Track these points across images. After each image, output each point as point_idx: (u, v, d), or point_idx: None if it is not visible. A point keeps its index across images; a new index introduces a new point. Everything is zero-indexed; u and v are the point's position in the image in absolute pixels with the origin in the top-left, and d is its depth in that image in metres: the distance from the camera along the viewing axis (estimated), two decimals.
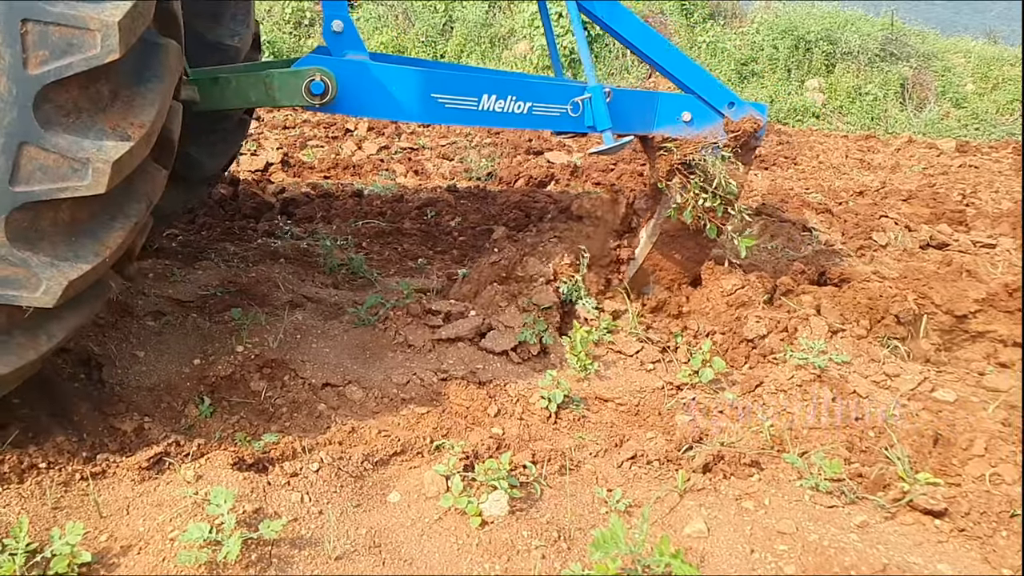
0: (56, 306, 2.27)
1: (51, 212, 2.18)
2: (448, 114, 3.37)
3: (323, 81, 3.12)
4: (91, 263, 2.26)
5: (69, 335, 2.48)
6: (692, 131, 3.77)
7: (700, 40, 12.95)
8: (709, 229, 3.82)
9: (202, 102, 3.32)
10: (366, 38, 12.60)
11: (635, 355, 3.77)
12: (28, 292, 2.19)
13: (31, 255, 2.18)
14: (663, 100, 3.74)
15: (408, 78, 3.26)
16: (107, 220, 2.32)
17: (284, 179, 6.79)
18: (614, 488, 2.76)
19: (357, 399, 3.27)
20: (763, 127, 3.81)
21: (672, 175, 3.83)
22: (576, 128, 3.65)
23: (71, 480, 2.56)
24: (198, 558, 2.11)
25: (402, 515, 2.56)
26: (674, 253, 4.10)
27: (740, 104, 3.78)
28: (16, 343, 2.33)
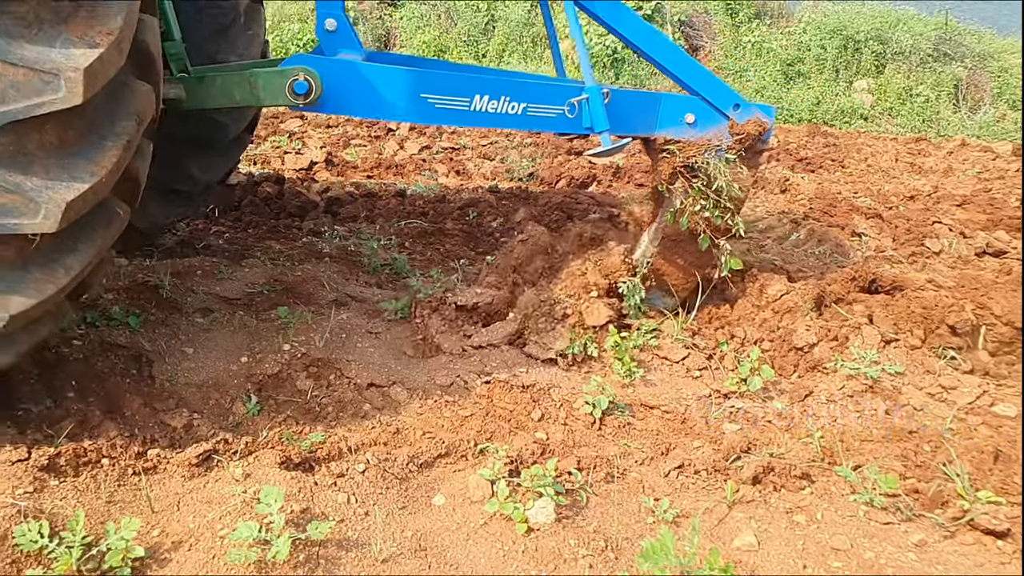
0: (64, 234, 2.26)
1: (35, 133, 2.15)
2: (438, 114, 3.35)
3: (306, 81, 3.13)
4: (87, 183, 2.23)
5: (86, 267, 2.46)
6: (695, 133, 3.68)
7: (745, 40, 12.76)
8: (701, 240, 3.72)
9: (188, 101, 3.36)
10: (408, 37, 12.70)
11: (681, 362, 3.72)
12: (28, 219, 2.17)
13: (23, 179, 2.15)
14: (665, 101, 3.67)
15: (396, 78, 3.24)
16: (97, 140, 2.30)
17: (328, 178, 6.85)
18: (661, 497, 2.72)
19: (401, 400, 3.27)
20: (770, 130, 3.72)
21: (675, 178, 3.75)
22: (573, 130, 3.59)
23: (124, 474, 2.60)
24: (247, 557, 2.13)
25: (447, 519, 2.56)
26: (677, 258, 4.00)
27: (746, 106, 3.69)
28: (33, 279, 2.32)
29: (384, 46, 12.82)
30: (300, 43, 11.74)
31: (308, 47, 11.74)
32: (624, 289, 3.81)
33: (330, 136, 8.24)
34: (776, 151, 8.94)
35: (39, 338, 2.57)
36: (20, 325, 2.36)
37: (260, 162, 6.95)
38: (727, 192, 3.56)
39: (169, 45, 3.51)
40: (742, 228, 3.75)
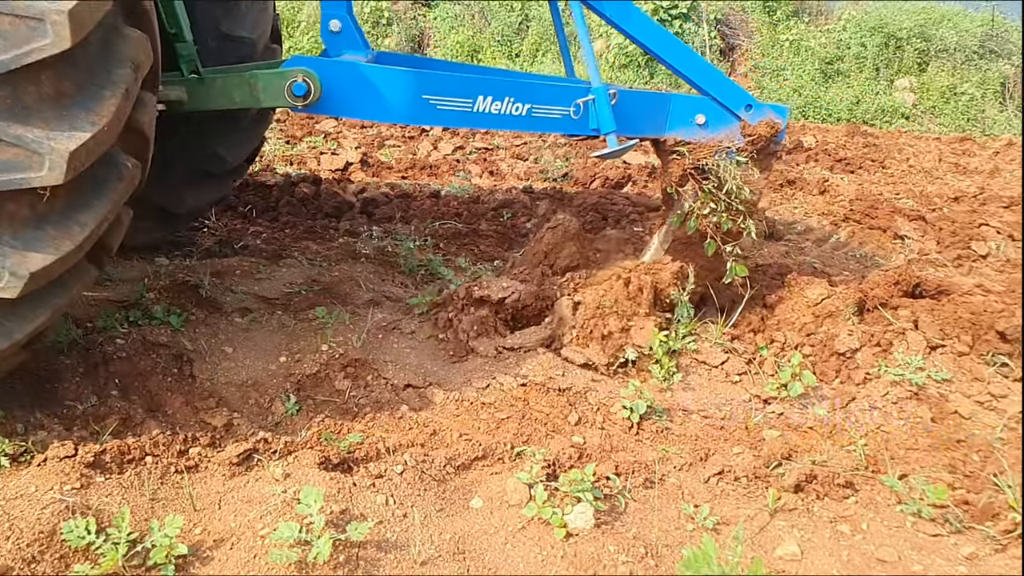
0: (75, 190, 2.28)
1: (31, 86, 2.15)
2: (441, 116, 3.31)
3: (305, 82, 3.12)
4: (89, 132, 2.23)
5: (102, 223, 2.47)
6: (706, 134, 3.62)
7: (783, 38, 12.59)
8: (707, 244, 3.64)
9: (189, 102, 3.38)
10: (442, 38, 12.74)
11: (720, 366, 3.67)
12: (34, 172, 2.18)
13: (24, 131, 2.15)
14: (675, 102, 3.62)
15: (397, 79, 3.21)
16: (95, 90, 2.29)
17: (363, 179, 6.90)
18: (701, 504, 2.68)
19: (438, 401, 3.27)
20: (783, 131, 3.63)
21: (685, 180, 3.67)
22: (580, 131, 3.53)
23: (167, 472, 2.64)
24: (288, 557, 2.14)
25: (485, 522, 2.55)
26: (688, 261, 3.91)
27: (758, 106, 3.61)
28: (50, 237, 2.32)
29: (418, 46, 12.88)
30: None
31: None
32: (678, 311, 3.72)
33: (365, 136, 8.29)
34: (815, 151, 8.80)
35: (65, 300, 2.55)
36: (41, 283, 2.34)
37: (296, 162, 7.02)
38: (737, 195, 3.49)
39: (181, 46, 3.57)
40: (754, 231, 3.66)
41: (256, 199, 5.71)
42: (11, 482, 2.43)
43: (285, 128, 8.03)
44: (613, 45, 12.62)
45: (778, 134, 3.62)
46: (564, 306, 3.70)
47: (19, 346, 2.48)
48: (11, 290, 2.25)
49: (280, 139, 7.67)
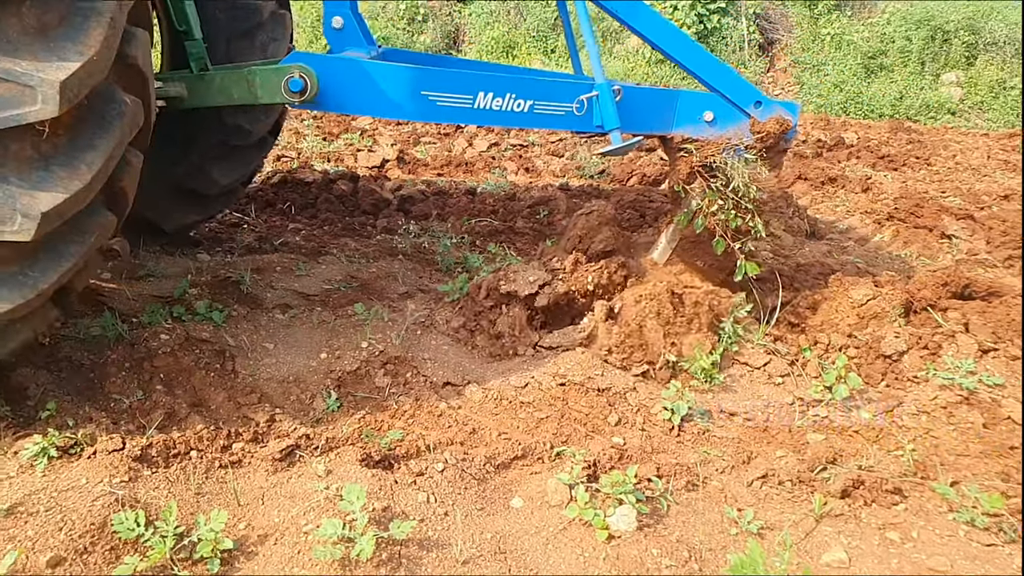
0: (76, 129, 2.29)
1: (13, 19, 2.16)
2: (441, 112, 3.30)
3: (302, 78, 3.13)
4: (77, 62, 2.23)
5: (109, 163, 2.46)
6: (714, 131, 3.55)
7: (824, 32, 12.35)
8: (716, 242, 3.57)
9: (189, 99, 3.41)
10: (477, 34, 12.73)
11: (762, 368, 3.61)
12: (28, 106, 2.18)
13: (12, 64, 2.16)
14: (683, 98, 3.55)
15: (396, 75, 3.20)
16: (79, 21, 2.29)
17: (400, 176, 6.92)
18: (744, 508, 2.63)
19: (477, 400, 3.27)
20: (793, 128, 3.55)
21: (692, 178, 3.61)
22: (583, 128, 3.49)
23: (211, 467, 2.67)
24: (332, 554, 2.15)
25: (525, 522, 2.54)
26: (696, 260, 3.85)
27: (768, 103, 3.54)
28: (58, 177, 2.33)
29: (453, 43, 12.90)
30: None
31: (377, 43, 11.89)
32: (728, 328, 3.65)
33: (400, 134, 8.33)
34: (856, 148, 8.62)
35: (85, 247, 2.53)
36: (55, 224, 2.35)
37: (334, 159, 7.07)
38: (746, 193, 3.43)
39: (190, 44, 3.64)
40: (763, 230, 3.59)
41: (295, 196, 5.77)
42: (62, 474, 2.49)
43: (322, 125, 8.09)
44: None
45: (788, 131, 3.55)
46: (601, 311, 3.66)
47: (47, 297, 2.49)
48: (25, 232, 2.26)
49: (318, 136, 7.74)
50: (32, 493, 2.37)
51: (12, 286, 2.39)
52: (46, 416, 2.77)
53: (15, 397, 2.92)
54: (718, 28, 12.72)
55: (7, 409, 2.81)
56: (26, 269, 2.42)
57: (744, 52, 12.69)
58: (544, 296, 3.73)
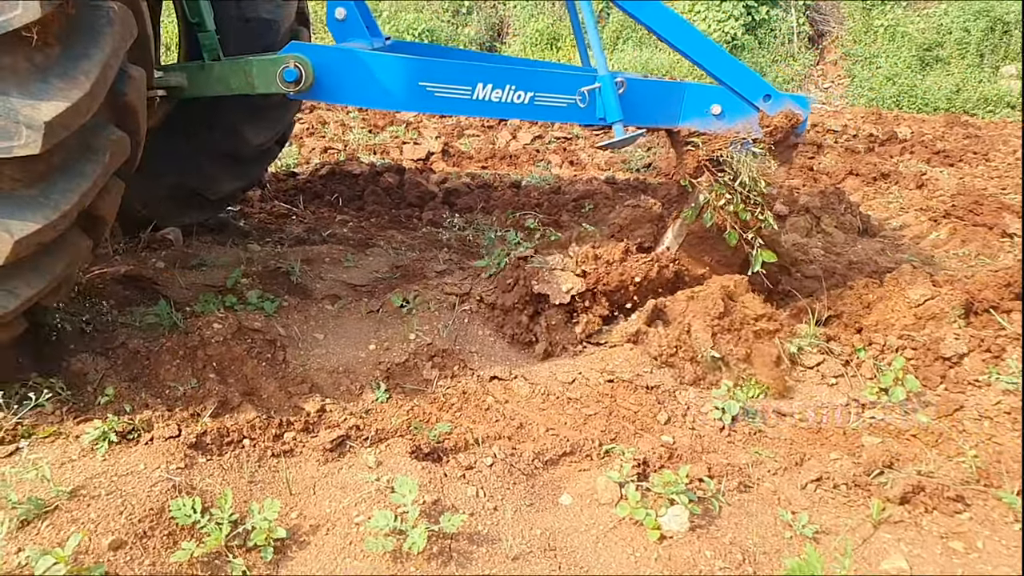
0: (67, 40, 2.30)
1: None
2: (438, 103, 3.28)
3: (296, 68, 3.13)
4: None
5: (107, 73, 2.45)
6: (722, 125, 3.48)
7: (877, 24, 12.03)
8: (728, 235, 3.50)
9: (189, 88, 3.47)
10: (521, 26, 12.68)
11: (815, 367, 3.53)
12: (9, 12, 2.17)
13: None
14: (690, 91, 3.48)
15: (392, 66, 3.19)
16: None
17: (444, 168, 6.94)
18: (799, 511, 2.58)
19: (523, 394, 3.25)
20: (803, 122, 3.46)
21: (699, 172, 3.53)
22: (585, 120, 3.46)
23: (263, 456, 2.70)
24: (384, 546, 2.16)
25: (575, 519, 2.52)
26: (703, 255, 3.77)
27: (777, 97, 3.46)
28: (57, 88, 2.33)
29: (497, 35, 12.87)
30: (415, 32, 11.95)
31: (423, 36, 11.94)
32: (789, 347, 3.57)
33: (444, 127, 8.35)
34: (910, 143, 8.39)
35: (101, 167, 2.54)
36: (61, 136, 2.34)
37: (380, 152, 7.11)
38: (752, 187, 3.37)
39: (203, 36, 3.71)
40: (773, 223, 3.53)
41: (342, 188, 5.82)
42: (121, 459, 2.54)
43: (368, 117, 8.15)
44: None
45: (798, 126, 3.48)
46: (649, 312, 3.61)
47: (71, 220, 2.50)
48: (32, 145, 2.27)
49: (363, 128, 7.79)
50: (93, 477, 2.42)
51: (34, 207, 2.39)
52: (105, 402, 2.84)
53: (76, 382, 2.99)
54: (766, 20, 12.48)
55: (68, 394, 2.88)
56: (45, 191, 2.42)
57: (793, 44, 12.44)
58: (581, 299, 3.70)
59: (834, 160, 7.81)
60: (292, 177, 6.15)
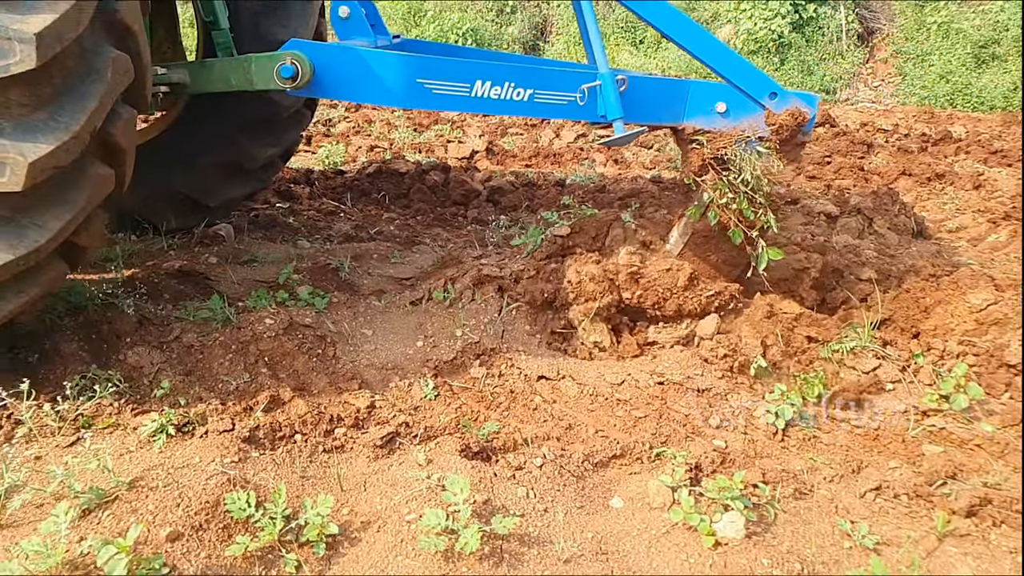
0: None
1: None
2: (437, 100, 3.29)
3: (293, 65, 3.16)
4: None
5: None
6: (727, 123, 3.42)
7: (930, 20, 11.70)
8: (732, 233, 3.45)
9: (191, 85, 3.54)
10: (564, 25, 12.63)
11: (871, 372, 3.43)
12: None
13: None
14: (694, 89, 3.44)
15: (390, 63, 3.21)
16: None
17: (489, 167, 6.93)
18: (858, 521, 2.50)
19: (572, 395, 3.22)
20: (811, 120, 3.37)
21: (704, 170, 3.47)
22: (586, 117, 3.42)
23: (315, 451, 2.72)
24: (436, 545, 2.15)
25: (626, 523, 2.48)
26: (709, 255, 3.69)
27: (784, 94, 3.37)
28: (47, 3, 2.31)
29: (540, 34, 12.84)
30: (460, 31, 11.97)
31: (467, 36, 11.96)
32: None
33: (488, 125, 8.35)
34: (965, 143, 8.14)
35: (96, 101, 2.52)
36: (55, 46, 2.33)
37: (425, 150, 7.14)
38: (757, 186, 3.32)
39: (216, 34, 3.81)
40: (775, 225, 3.45)
41: (389, 186, 5.85)
42: (177, 451, 2.58)
43: (413, 116, 8.19)
44: (742, 31, 12.13)
45: (805, 124, 3.39)
46: (711, 324, 3.56)
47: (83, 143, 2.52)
48: (28, 62, 2.26)
49: (408, 127, 7.83)
50: (150, 468, 2.46)
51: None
52: (160, 394, 2.89)
53: (132, 375, 3.05)
54: (814, 18, 12.23)
55: (125, 386, 2.94)
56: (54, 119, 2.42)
57: (842, 42, 12.17)
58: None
59: (885, 160, 7.61)
60: (340, 175, 6.21)
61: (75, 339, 3.19)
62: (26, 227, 2.47)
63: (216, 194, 4.36)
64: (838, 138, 8.35)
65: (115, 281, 3.71)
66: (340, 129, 7.84)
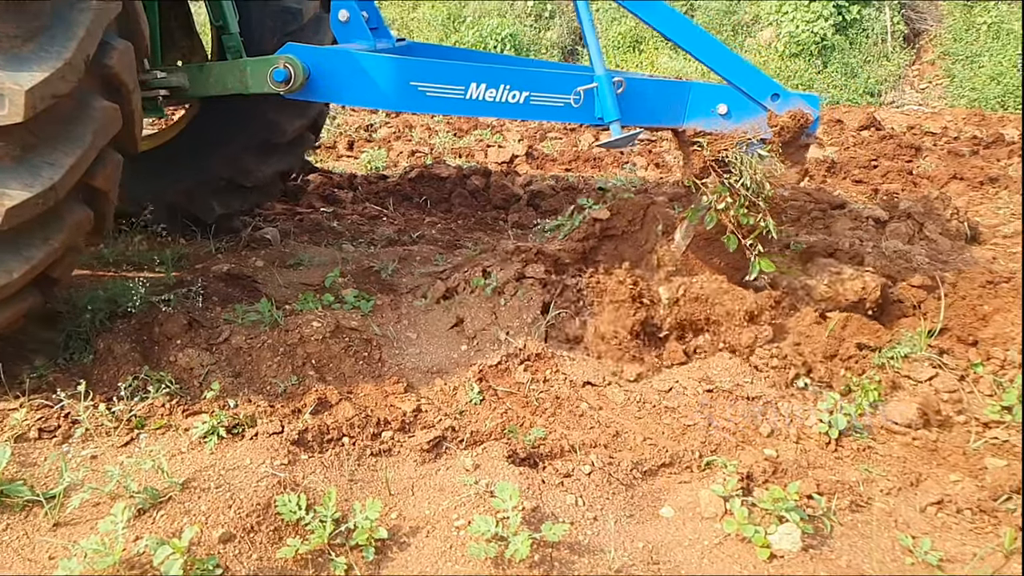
0: None
1: None
2: (431, 103, 3.29)
3: (286, 68, 3.18)
4: None
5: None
6: (729, 125, 3.36)
7: (979, 21, 11.41)
8: (727, 239, 3.40)
9: (191, 88, 3.60)
10: (604, 29, 12.58)
11: (927, 382, 3.32)
12: None
13: None
14: (695, 90, 3.39)
15: (384, 66, 3.22)
16: None
17: (528, 171, 6.92)
18: (919, 536, 2.42)
19: (618, 401, 3.18)
20: (814, 122, 3.30)
21: (705, 173, 3.43)
22: (583, 120, 3.41)
23: (362, 454, 2.72)
24: (486, 552, 2.13)
25: (677, 533, 2.44)
26: (712, 257, 3.63)
27: (786, 95, 3.31)
28: None
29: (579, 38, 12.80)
30: (499, 37, 12.01)
31: (506, 41, 11.98)
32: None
33: (527, 130, 8.34)
34: (1019, 145, 7.90)
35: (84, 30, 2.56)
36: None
37: (465, 155, 7.15)
38: (757, 189, 3.26)
39: (226, 38, 3.89)
40: (773, 230, 3.38)
41: (431, 191, 5.87)
42: (228, 453, 2.60)
43: (453, 121, 8.22)
44: (783, 34, 11.96)
45: (808, 125, 3.33)
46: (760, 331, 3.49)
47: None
48: None
49: (448, 132, 7.86)
50: (202, 469, 2.49)
51: None
52: (211, 396, 2.91)
53: (182, 376, 3.09)
54: (858, 19, 12.01)
55: (176, 387, 2.98)
56: None
57: (887, 44, 11.93)
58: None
59: (935, 163, 7.43)
60: (382, 180, 6.25)
61: (127, 341, 3.24)
62: None
63: (253, 173, 4.44)
64: (884, 142, 8.18)
65: (165, 283, 3.77)
66: (382, 134, 7.90)
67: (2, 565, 2.10)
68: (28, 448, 2.59)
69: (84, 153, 2.60)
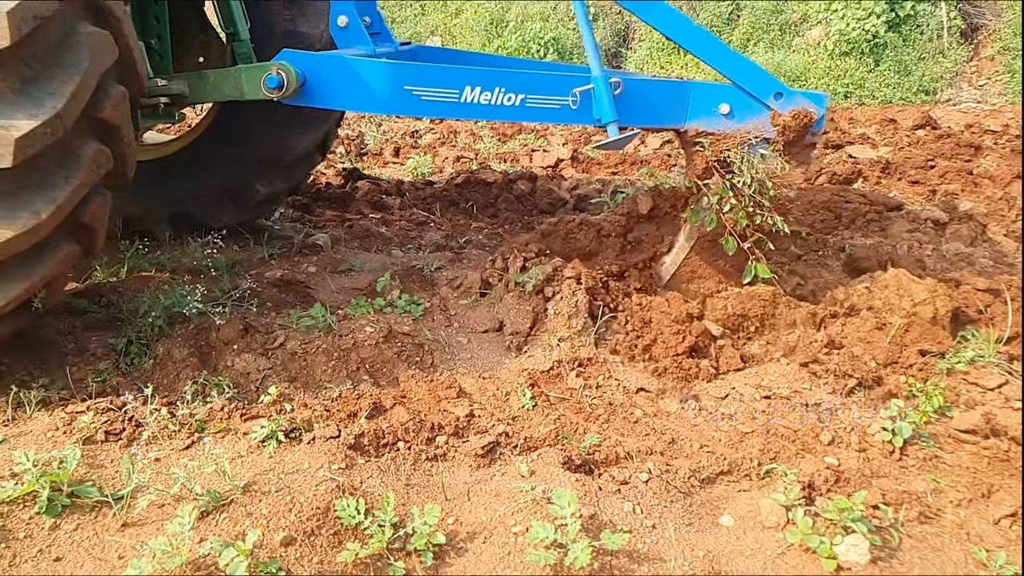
0: None
1: None
2: (426, 107, 3.30)
3: (279, 74, 3.21)
4: None
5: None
6: (732, 124, 3.32)
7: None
8: (725, 241, 3.35)
9: (191, 95, 3.65)
10: (647, 32, 12.50)
11: (996, 389, 3.20)
12: None
13: None
14: (696, 90, 3.35)
15: (378, 70, 3.23)
16: None
17: (574, 175, 6.90)
18: (993, 550, 2.33)
19: (672, 408, 3.14)
20: (819, 120, 3.23)
21: (708, 174, 3.38)
22: (580, 121, 3.39)
23: (418, 459, 2.73)
24: (546, 559, 2.12)
25: (738, 542, 2.39)
26: (715, 259, 3.58)
27: (789, 94, 3.25)
28: None
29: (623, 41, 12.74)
30: (542, 41, 12.01)
31: (549, 45, 11.98)
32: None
33: (572, 133, 8.32)
34: None
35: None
36: None
37: (510, 160, 7.17)
38: (760, 190, 3.22)
39: (237, 45, 3.96)
40: (784, 227, 3.32)
41: (477, 196, 5.89)
42: (286, 457, 2.63)
43: (497, 127, 8.24)
44: (833, 32, 11.72)
45: (812, 124, 3.26)
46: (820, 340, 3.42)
47: None
48: None
49: (493, 137, 7.88)
50: (262, 473, 2.52)
51: None
52: (268, 400, 2.96)
53: (239, 380, 3.15)
54: (912, 16, 11.71)
55: (234, 391, 3.03)
56: None
57: (943, 40, 11.61)
58: None
59: (996, 163, 7.18)
60: (429, 186, 6.30)
61: (185, 346, 3.31)
62: None
63: (294, 148, 4.49)
64: (941, 141, 7.94)
65: (220, 289, 3.85)
66: (427, 140, 7.97)
67: (74, 564, 2.16)
68: (96, 450, 2.65)
69: (83, 81, 2.60)
